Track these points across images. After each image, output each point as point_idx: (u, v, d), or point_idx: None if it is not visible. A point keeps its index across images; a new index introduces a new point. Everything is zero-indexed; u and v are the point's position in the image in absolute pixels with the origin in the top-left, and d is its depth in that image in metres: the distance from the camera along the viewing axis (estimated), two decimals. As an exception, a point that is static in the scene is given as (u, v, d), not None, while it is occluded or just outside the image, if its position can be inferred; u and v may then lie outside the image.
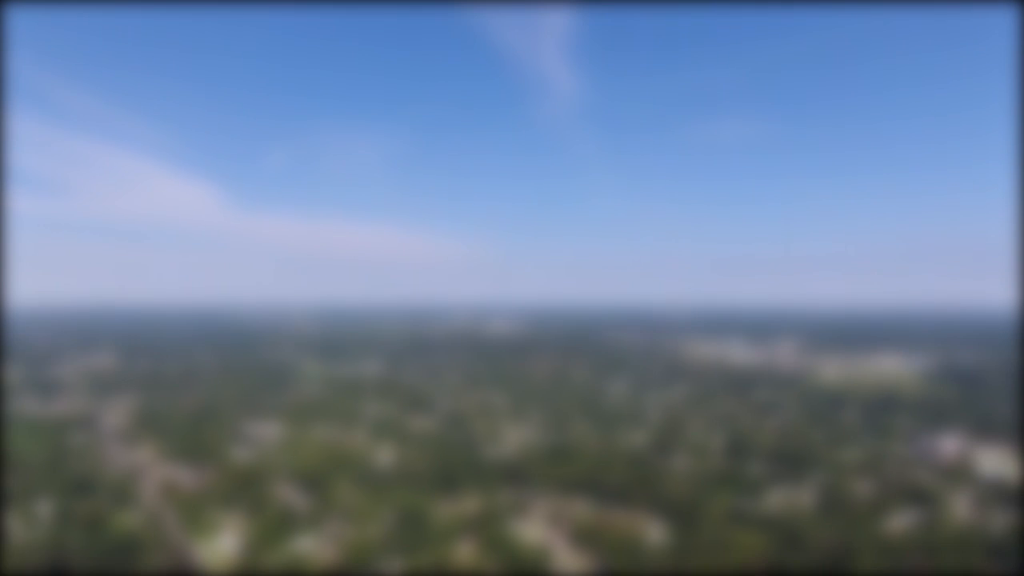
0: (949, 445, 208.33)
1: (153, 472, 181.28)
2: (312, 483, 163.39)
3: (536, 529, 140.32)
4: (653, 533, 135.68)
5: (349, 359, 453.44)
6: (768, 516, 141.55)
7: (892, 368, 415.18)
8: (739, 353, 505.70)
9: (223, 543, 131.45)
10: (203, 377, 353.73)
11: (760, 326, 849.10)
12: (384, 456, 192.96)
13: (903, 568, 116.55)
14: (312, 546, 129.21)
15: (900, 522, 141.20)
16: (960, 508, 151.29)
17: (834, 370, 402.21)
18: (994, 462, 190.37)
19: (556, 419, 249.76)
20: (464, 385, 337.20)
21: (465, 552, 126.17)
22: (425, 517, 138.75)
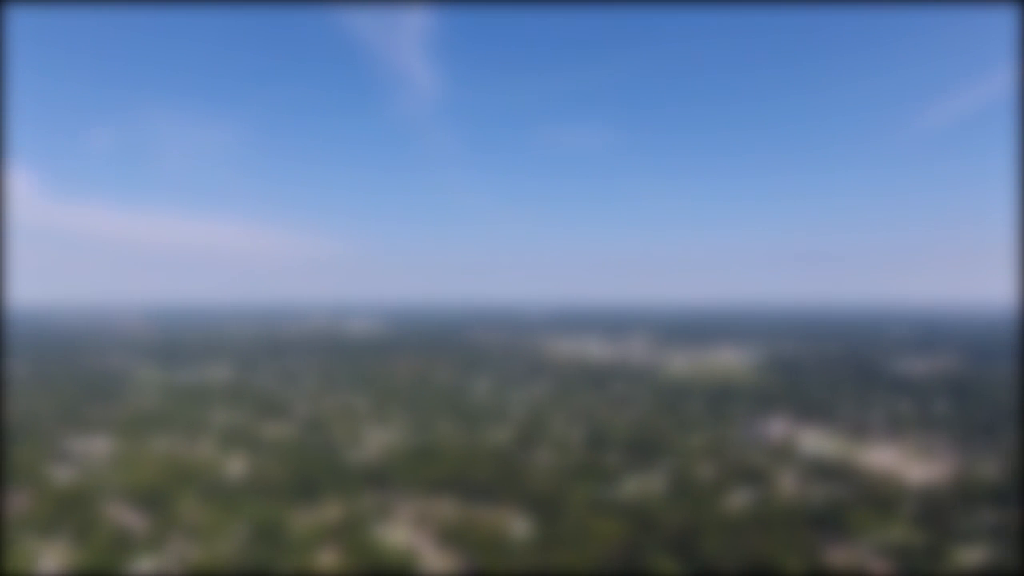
0: (776, 428, 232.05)
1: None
2: (151, 501, 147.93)
3: (402, 532, 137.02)
4: (518, 527, 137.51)
5: (193, 364, 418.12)
6: (624, 503, 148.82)
7: (730, 360, 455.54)
8: (596, 349, 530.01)
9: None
10: (14, 389, 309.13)
11: (616, 323, 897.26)
12: (235, 467, 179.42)
13: (741, 542, 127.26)
14: (152, 568, 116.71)
15: (738, 500, 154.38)
16: (787, 484, 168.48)
17: (681, 363, 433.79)
18: (814, 441, 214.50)
19: (420, 419, 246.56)
20: (322, 388, 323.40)
21: (327, 560, 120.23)
22: (282, 528, 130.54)
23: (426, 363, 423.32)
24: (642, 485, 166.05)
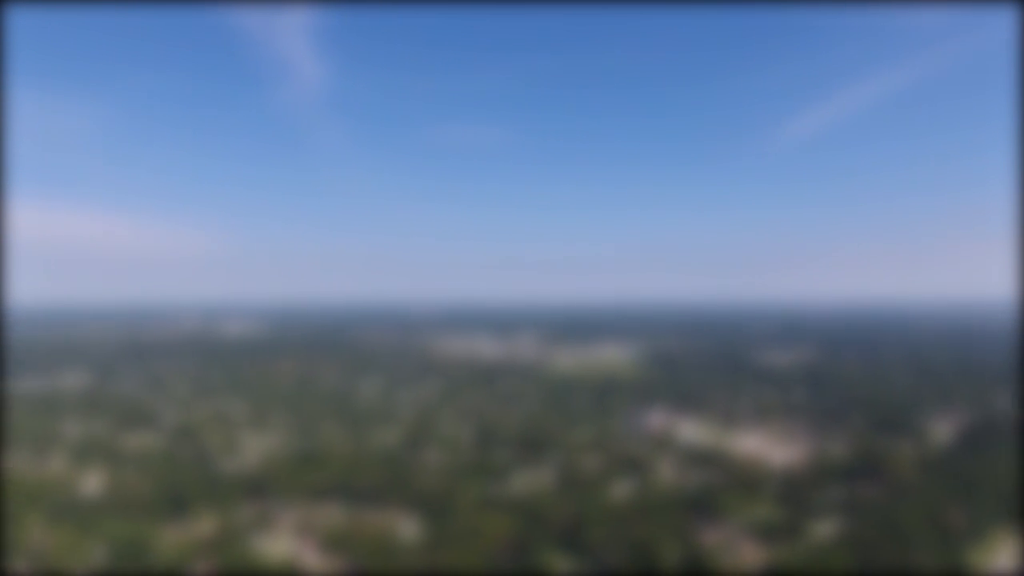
0: (656, 419, 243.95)
1: None
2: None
3: (284, 541, 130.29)
4: (406, 529, 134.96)
5: (43, 372, 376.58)
6: (514, 499, 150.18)
7: (613, 356, 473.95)
8: (486, 348, 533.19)
9: None
10: None
11: (505, 322, 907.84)
12: (91, 483, 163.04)
13: (624, 530, 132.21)
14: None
15: (622, 490, 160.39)
16: (666, 472, 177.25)
17: (568, 360, 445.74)
18: (690, 430, 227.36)
19: (303, 424, 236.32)
20: (195, 394, 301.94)
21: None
22: (147, 546, 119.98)
23: (309, 365, 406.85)
24: (531, 480, 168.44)
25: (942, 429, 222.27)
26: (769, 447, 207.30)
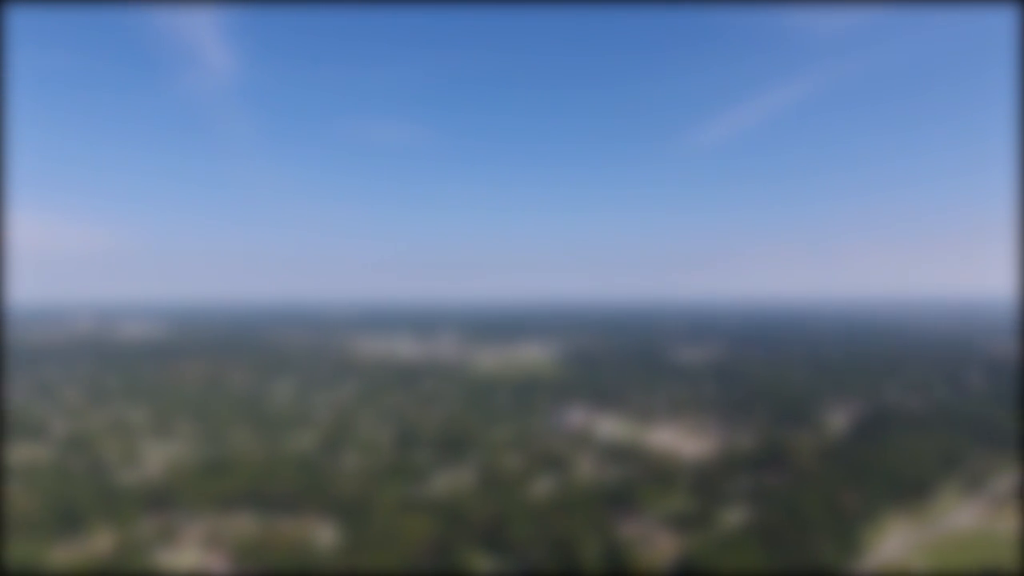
0: (576, 416, 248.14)
1: None
2: None
3: (190, 554, 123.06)
4: (324, 535, 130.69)
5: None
6: (435, 499, 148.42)
7: (534, 355, 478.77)
8: (406, 348, 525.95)
9: None
10: None
11: (425, 322, 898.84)
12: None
13: (546, 526, 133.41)
14: None
15: (543, 487, 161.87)
16: (586, 467, 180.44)
17: (489, 359, 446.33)
18: (608, 426, 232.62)
19: (211, 430, 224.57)
20: (88, 402, 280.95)
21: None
22: (33, 569, 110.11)
23: (218, 368, 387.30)
24: (452, 481, 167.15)
25: (838, 419, 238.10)
26: (682, 440, 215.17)
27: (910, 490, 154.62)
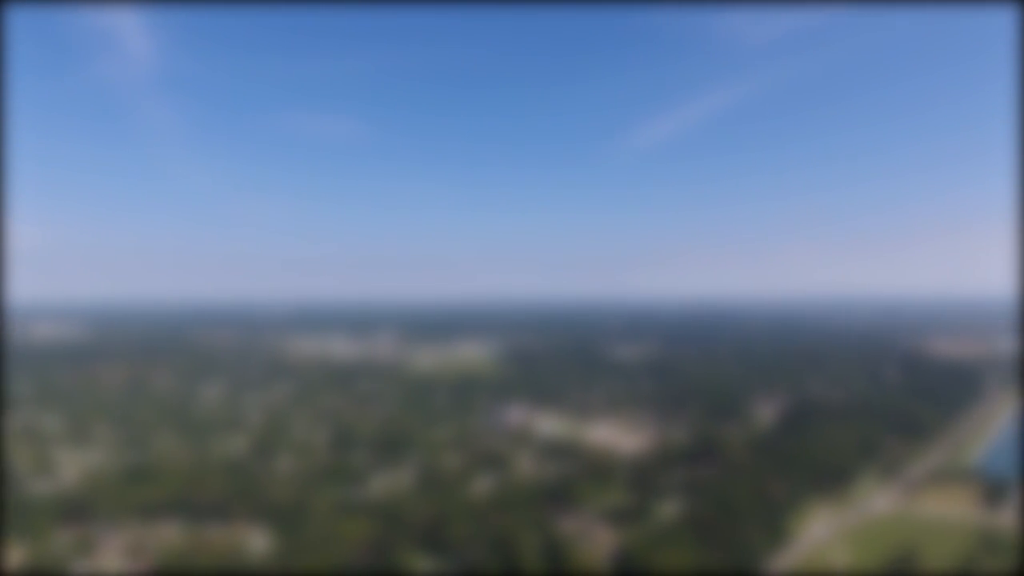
0: (516, 414, 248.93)
1: None
2: None
3: (111, 565, 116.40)
4: (256, 542, 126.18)
5: None
6: (373, 502, 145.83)
7: (473, 354, 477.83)
8: (342, 348, 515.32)
9: None
10: None
11: (362, 321, 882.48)
12: None
13: (485, 525, 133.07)
14: None
15: (482, 486, 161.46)
16: (525, 465, 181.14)
17: (427, 358, 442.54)
18: (547, 424, 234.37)
19: (133, 436, 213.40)
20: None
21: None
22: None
23: (140, 370, 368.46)
24: (390, 482, 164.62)
25: (766, 412, 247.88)
26: (620, 436, 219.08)
27: (832, 478, 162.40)
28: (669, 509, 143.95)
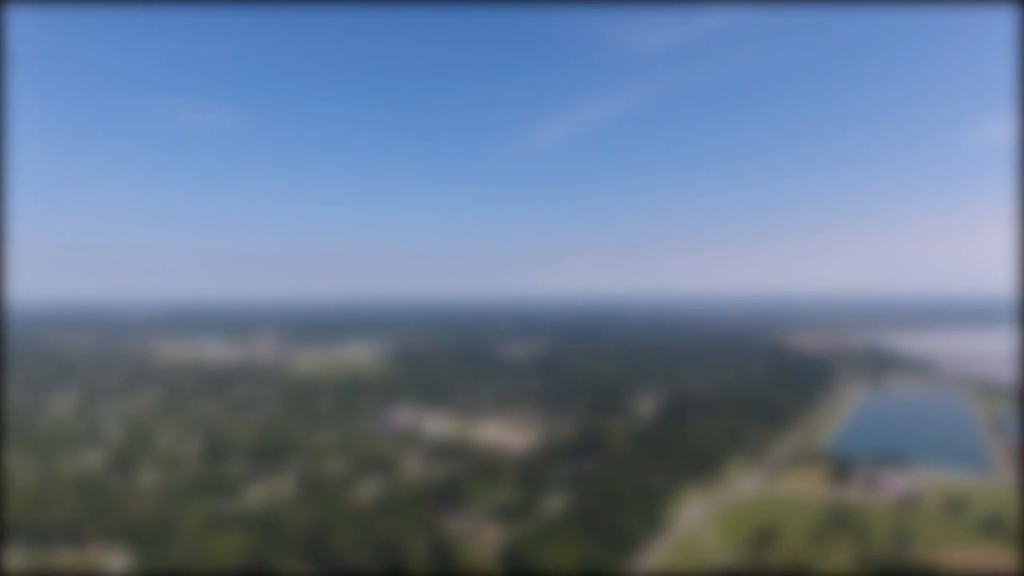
0: (403, 416, 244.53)
1: None
2: None
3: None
4: (113, 564, 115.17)
5: None
6: (250, 513, 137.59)
7: (360, 355, 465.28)
8: (217, 351, 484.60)
9: None
10: None
11: (239, 322, 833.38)
12: None
13: (371, 530, 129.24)
14: None
15: (368, 490, 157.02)
16: (413, 467, 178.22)
17: (311, 360, 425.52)
18: (436, 424, 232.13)
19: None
20: None
21: None
22: None
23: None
24: (269, 492, 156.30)
25: (646, 405, 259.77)
26: (508, 434, 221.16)
27: (704, 465, 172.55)
28: (555, 503, 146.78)
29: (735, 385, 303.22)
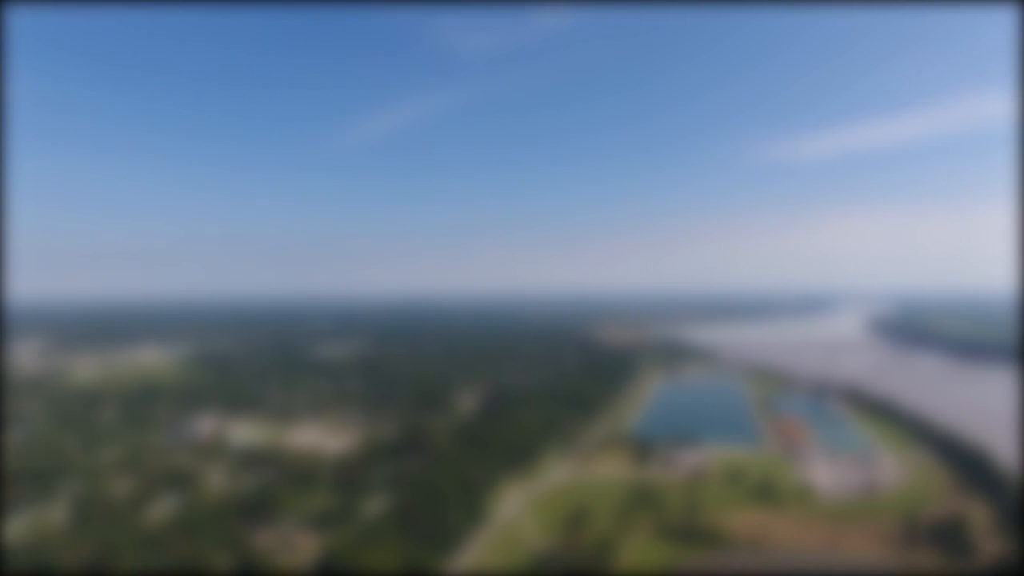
0: (205, 425, 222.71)
1: None
2: None
3: None
4: None
5: None
6: (10, 548, 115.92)
7: (152, 360, 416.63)
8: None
9: None
10: None
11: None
12: None
13: (166, 552, 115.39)
14: None
15: (162, 509, 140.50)
16: (216, 480, 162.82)
17: (90, 368, 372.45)
18: (243, 432, 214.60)
19: None
20: None
21: None
22: None
23: None
24: (34, 521, 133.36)
25: (468, 401, 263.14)
26: (325, 437, 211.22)
27: (522, 456, 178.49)
28: (376, 506, 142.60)
29: (550, 377, 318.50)
